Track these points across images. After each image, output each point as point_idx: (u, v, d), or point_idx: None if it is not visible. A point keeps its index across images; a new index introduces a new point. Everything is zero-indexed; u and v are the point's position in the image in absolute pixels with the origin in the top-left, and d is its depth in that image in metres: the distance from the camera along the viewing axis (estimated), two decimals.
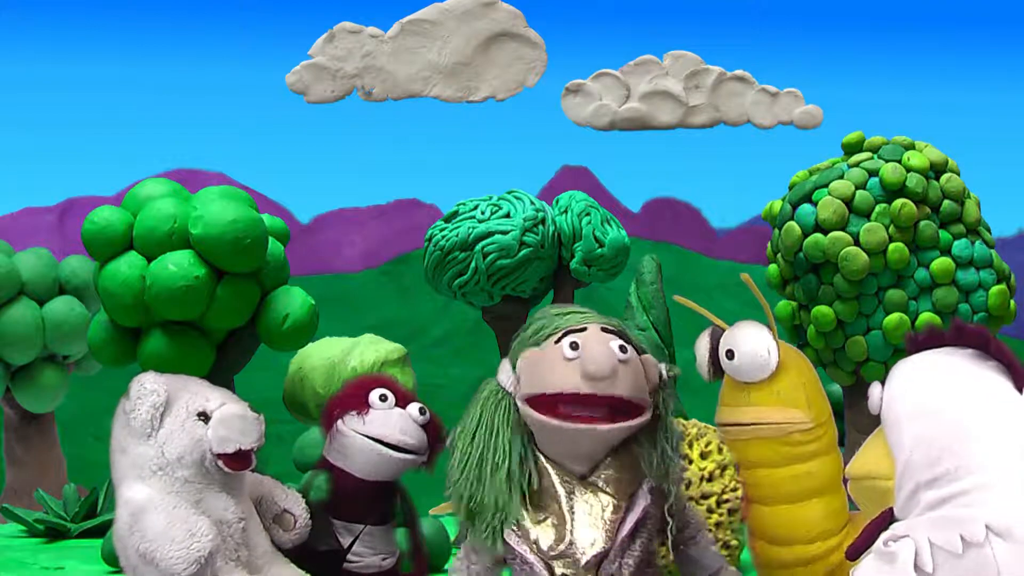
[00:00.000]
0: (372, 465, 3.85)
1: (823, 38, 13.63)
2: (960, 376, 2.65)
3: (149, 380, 3.74)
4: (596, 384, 3.07)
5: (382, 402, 3.87)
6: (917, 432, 2.61)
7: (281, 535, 3.87)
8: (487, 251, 5.66)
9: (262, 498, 3.88)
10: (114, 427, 3.78)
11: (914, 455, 2.60)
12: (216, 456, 3.66)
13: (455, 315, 13.14)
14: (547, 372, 3.13)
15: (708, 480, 4.54)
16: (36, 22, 13.61)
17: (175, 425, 3.67)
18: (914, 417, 2.63)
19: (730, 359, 3.13)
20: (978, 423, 2.58)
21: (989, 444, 2.56)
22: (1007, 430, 2.58)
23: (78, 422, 9.31)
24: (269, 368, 5.53)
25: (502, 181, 6.74)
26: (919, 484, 2.57)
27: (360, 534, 3.91)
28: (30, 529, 6.15)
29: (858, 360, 6.21)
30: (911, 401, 2.66)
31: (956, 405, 2.61)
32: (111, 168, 12.95)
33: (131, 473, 3.68)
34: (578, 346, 3.10)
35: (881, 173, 6.11)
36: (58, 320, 7.31)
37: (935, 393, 2.64)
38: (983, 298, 6.17)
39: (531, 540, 3.15)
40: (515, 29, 8.61)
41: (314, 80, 8.55)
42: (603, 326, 3.19)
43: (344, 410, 3.89)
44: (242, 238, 4.89)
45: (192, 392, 3.77)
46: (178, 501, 3.60)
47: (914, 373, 2.70)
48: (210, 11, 13.80)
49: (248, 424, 3.69)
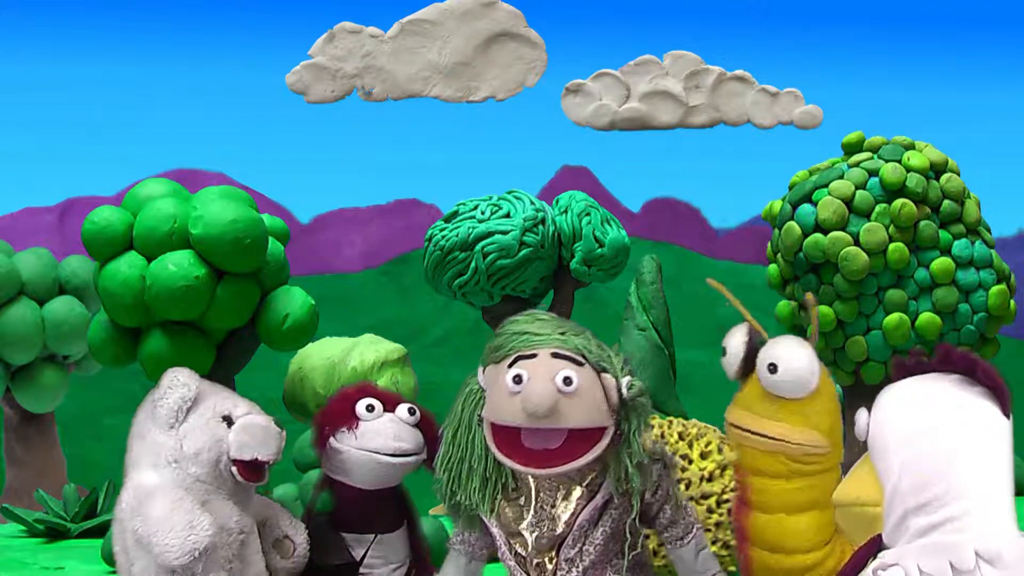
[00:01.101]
0: (373, 475, 3.83)
1: (823, 38, 13.63)
2: (947, 402, 2.64)
3: (184, 374, 3.76)
4: (539, 420, 3.08)
5: (369, 412, 3.84)
6: (905, 458, 2.60)
7: (278, 561, 3.87)
8: (487, 251, 5.65)
9: (267, 520, 3.88)
10: (138, 413, 3.79)
11: (902, 482, 2.59)
12: (232, 461, 3.67)
13: (455, 315, 13.13)
14: (497, 400, 3.17)
15: (708, 480, 4.54)
16: (36, 22, 13.61)
17: (199, 422, 3.69)
18: (902, 444, 2.62)
19: (772, 373, 3.11)
20: (966, 449, 2.57)
21: (977, 470, 2.56)
22: (994, 456, 2.58)
23: (78, 422, 9.32)
24: (269, 368, 5.54)
25: (502, 181, 6.75)
26: (907, 510, 2.57)
27: (371, 544, 3.89)
28: (30, 529, 6.15)
29: (858, 360, 6.21)
30: (898, 428, 2.65)
31: (943, 431, 2.60)
32: (111, 168, 12.94)
33: (145, 460, 3.69)
34: (521, 379, 3.10)
35: (881, 173, 6.11)
36: (58, 320, 7.31)
37: (922, 419, 2.64)
38: (983, 298, 6.17)
39: (500, 518, 3.30)
40: (515, 29, 8.61)
41: (314, 80, 8.55)
42: (554, 351, 3.16)
43: (334, 427, 3.86)
44: (242, 238, 4.89)
45: (222, 396, 3.80)
46: (185, 495, 3.61)
47: (901, 400, 2.69)
48: (210, 11, 13.79)
49: (269, 436, 3.70)
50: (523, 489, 3.26)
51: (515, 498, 3.26)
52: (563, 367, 3.13)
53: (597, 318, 9.78)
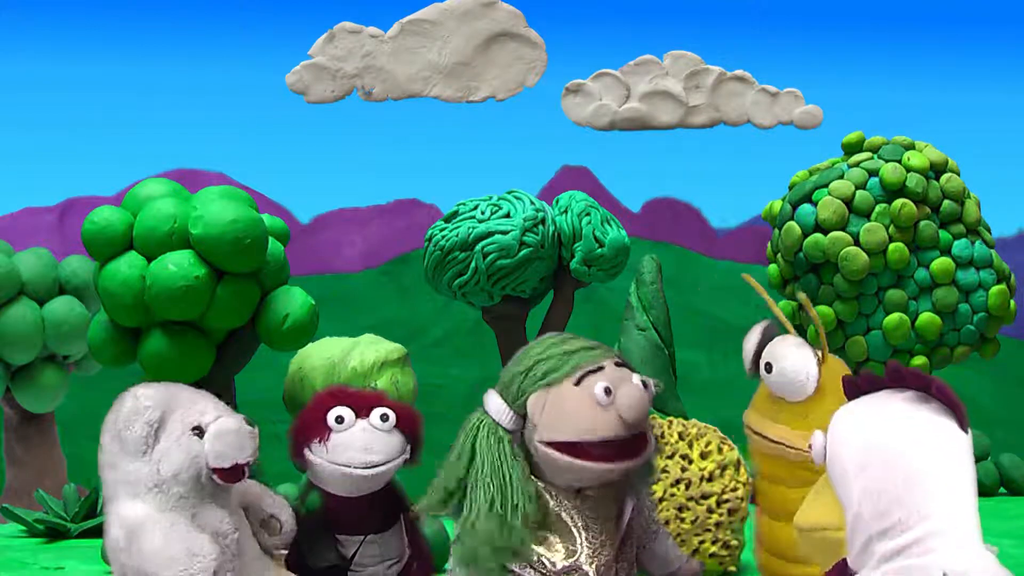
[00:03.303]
0: (350, 484, 3.80)
1: (823, 38, 13.62)
2: (902, 420, 2.58)
3: (142, 395, 3.65)
4: (634, 428, 3.04)
5: (339, 424, 3.79)
6: (864, 485, 2.54)
7: (268, 540, 3.85)
8: (487, 251, 5.66)
9: (250, 505, 3.86)
10: (103, 438, 3.66)
11: (863, 508, 2.54)
12: (212, 470, 3.63)
13: (455, 315, 13.13)
14: (580, 420, 3.05)
15: (708, 480, 4.54)
16: (36, 22, 13.61)
17: (170, 442, 3.61)
18: (860, 468, 2.56)
19: (768, 372, 3.08)
20: (924, 468, 2.52)
21: (938, 488, 2.51)
22: (955, 472, 2.52)
23: (78, 422, 9.30)
24: (269, 368, 5.53)
25: (502, 181, 6.74)
26: (871, 537, 2.52)
27: (361, 545, 3.88)
28: (30, 529, 6.15)
29: (858, 360, 6.22)
30: (854, 452, 2.59)
31: (900, 451, 2.54)
32: (111, 168, 12.93)
33: (123, 490, 3.61)
34: (611, 391, 3.04)
35: (881, 173, 6.11)
36: (58, 320, 7.31)
37: (877, 441, 2.57)
38: (983, 298, 6.17)
39: (533, 561, 3.10)
40: (515, 29, 8.61)
41: (314, 80, 8.55)
42: (616, 360, 3.12)
43: (307, 440, 3.82)
44: (242, 238, 4.89)
45: (185, 405, 3.69)
46: (175, 518, 3.54)
47: (855, 423, 2.63)
48: (210, 11, 13.78)
49: (244, 439, 3.65)
50: (560, 525, 3.14)
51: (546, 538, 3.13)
52: (632, 374, 3.10)
53: (597, 318, 9.79)
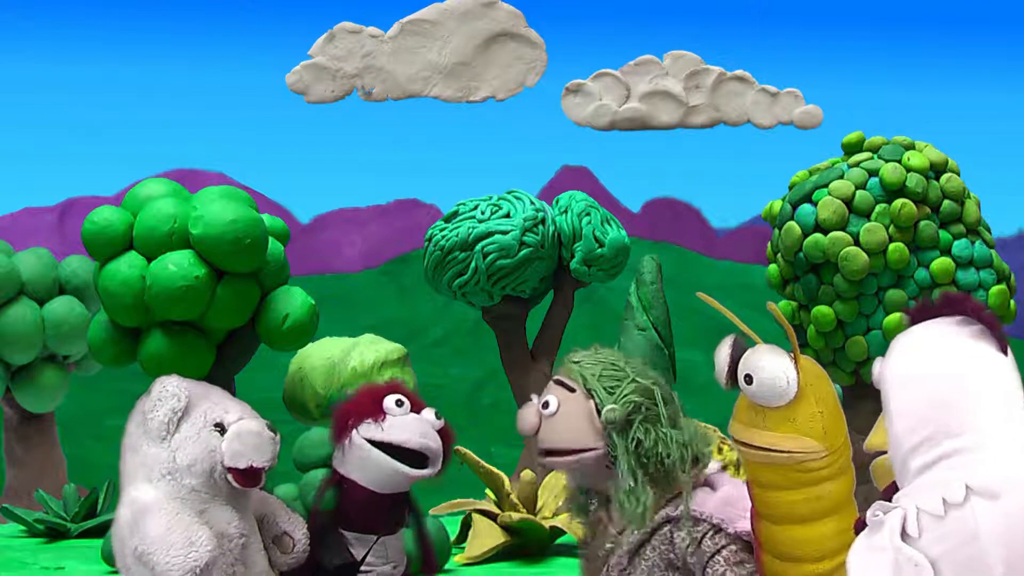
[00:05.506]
0: (387, 477, 3.80)
1: (823, 38, 13.64)
2: (941, 343, 2.70)
3: (172, 383, 3.70)
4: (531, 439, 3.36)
5: (398, 407, 3.81)
6: (900, 402, 2.68)
7: (278, 557, 3.85)
8: (487, 251, 5.66)
9: (265, 516, 3.86)
10: (129, 424, 3.75)
11: (898, 425, 2.66)
12: (227, 469, 3.64)
13: (455, 315, 13.15)
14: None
15: None
16: (36, 22, 13.62)
17: (191, 432, 3.64)
18: (899, 387, 2.70)
19: (748, 384, 3.09)
20: (958, 387, 2.63)
21: (971, 406, 2.61)
22: (989, 392, 2.63)
23: (78, 422, 9.32)
24: (269, 368, 5.54)
25: (502, 181, 6.76)
26: (906, 454, 2.63)
27: (373, 545, 3.88)
28: (30, 529, 6.16)
29: (858, 360, 6.21)
30: (896, 372, 2.73)
31: (936, 372, 2.67)
32: (111, 168, 12.97)
33: (139, 473, 3.66)
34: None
35: (881, 173, 6.11)
36: (58, 320, 7.31)
37: (916, 362, 2.71)
38: (983, 298, 6.17)
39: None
40: (515, 29, 8.61)
41: (314, 80, 8.55)
42: (557, 378, 3.38)
43: (359, 418, 3.82)
44: (242, 238, 4.88)
45: (213, 402, 3.74)
46: (182, 508, 3.58)
47: (899, 347, 2.78)
48: (210, 11, 13.81)
49: (263, 442, 3.66)
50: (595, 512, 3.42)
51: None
52: (551, 392, 3.33)
53: (597, 318, 9.78)
